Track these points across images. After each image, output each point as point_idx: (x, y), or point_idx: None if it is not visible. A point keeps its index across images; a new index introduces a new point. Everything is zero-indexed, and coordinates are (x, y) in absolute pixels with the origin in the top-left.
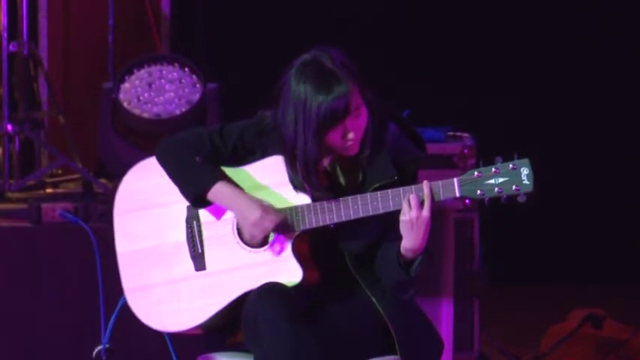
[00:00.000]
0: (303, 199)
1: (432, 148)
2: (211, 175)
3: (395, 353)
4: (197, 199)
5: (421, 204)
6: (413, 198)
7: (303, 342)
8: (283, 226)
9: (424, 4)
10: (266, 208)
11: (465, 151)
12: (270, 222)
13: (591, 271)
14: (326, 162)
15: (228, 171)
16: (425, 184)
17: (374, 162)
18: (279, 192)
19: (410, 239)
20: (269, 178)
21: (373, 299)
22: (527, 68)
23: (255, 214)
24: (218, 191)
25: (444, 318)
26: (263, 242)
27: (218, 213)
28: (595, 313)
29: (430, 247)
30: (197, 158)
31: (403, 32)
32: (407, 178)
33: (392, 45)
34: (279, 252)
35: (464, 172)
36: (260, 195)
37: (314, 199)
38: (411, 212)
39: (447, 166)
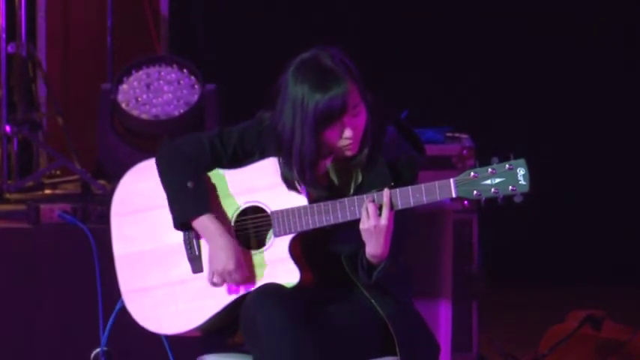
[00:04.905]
0: (299, 200)
1: (431, 150)
2: (200, 206)
3: (394, 354)
4: (182, 225)
5: (380, 212)
6: (370, 207)
7: (303, 342)
8: (246, 280)
9: (423, 4)
10: (240, 264)
11: (464, 152)
12: (235, 278)
13: (591, 272)
14: (325, 164)
15: (226, 174)
16: (385, 193)
17: (371, 167)
18: (276, 193)
19: (372, 247)
20: (266, 180)
21: (372, 301)
22: (526, 69)
23: (228, 265)
24: (202, 224)
25: (443, 319)
26: (260, 244)
27: (215, 215)
28: (594, 313)
29: (395, 252)
30: (189, 183)
31: (402, 32)
32: (405, 182)
33: (391, 45)
34: (276, 253)
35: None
36: (257, 197)
37: (310, 200)
38: (369, 221)
39: (445, 167)
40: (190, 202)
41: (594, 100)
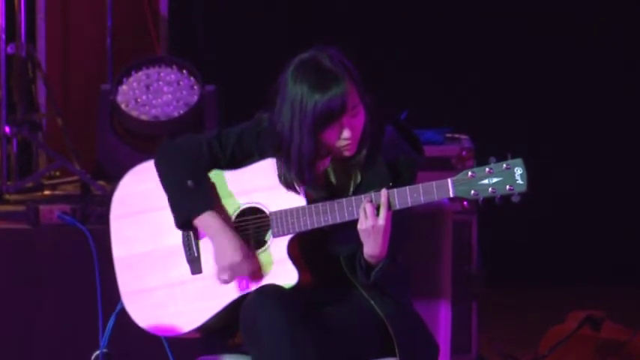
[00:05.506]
0: (298, 201)
1: (430, 150)
2: (201, 204)
3: (393, 355)
4: (184, 224)
5: (377, 213)
6: (368, 207)
7: (303, 343)
8: (254, 273)
9: (423, 4)
10: (247, 254)
11: (463, 153)
12: (244, 270)
13: (590, 272)
14: (324, 165)
15: (226, 174)
16: (382, 193)
17: (370, 167)
18: (275, 194)
19: (369, 247)
20: (265, 180)
21: (371, 301)
22: (526, 69)
23: (234, 257)
24: (204, 221)
25: (442, 320)
26: (259, 245)
27: None
28: (594, 314)
29: (393, 252)
30: (189, 182)
31: (402, 32)
32: (404, 182)
33: (391, 45)
34: (275, 254)
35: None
36: (256, 198)
37: (309, 201)
38: (367, 221)
39: (445, 168)
40: (191, 200)
41: (594, 100)
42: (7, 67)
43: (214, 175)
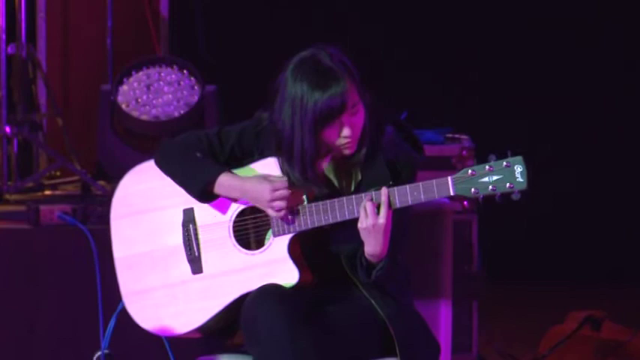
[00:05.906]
0: (298, 200)
1: (430, 150)
2: (214, 168)
3: (394, 355)
4: (203, 193)
5: (378, 211)
6: (369, 206)
7: (303, 343)
8: (291, 185)
9: (423, 4)
10: (271, 178)
11: (464, 152)
12: (285, 195)
13: (591, 272)
14: (324, 164)
15: None
16: (383, 191)
17: (370, 166)
18: None
19: (370, 245)
20: None
21: (372, 301)
22: (526, 69)
23: (266, 187)
24: (223, 182)
25: (443, 320)
26: (259, 244)
27: (214, 216)
28: (594, 314)
29: (394, 250)
30: (198, 154)
31: (402, 32)
32: (404, 181)
33: (391, 45)
34: (276, 253)
35: None
36: None
37: (310, 200)
38: (368, 220)
39: (444, 168)
40: (204, 168)
41: (594, 99)
42: (7, 67)
43: None
